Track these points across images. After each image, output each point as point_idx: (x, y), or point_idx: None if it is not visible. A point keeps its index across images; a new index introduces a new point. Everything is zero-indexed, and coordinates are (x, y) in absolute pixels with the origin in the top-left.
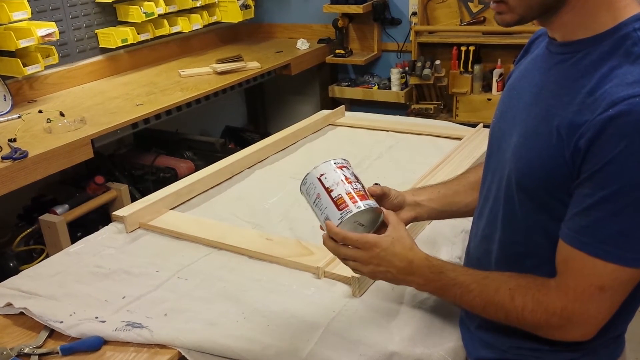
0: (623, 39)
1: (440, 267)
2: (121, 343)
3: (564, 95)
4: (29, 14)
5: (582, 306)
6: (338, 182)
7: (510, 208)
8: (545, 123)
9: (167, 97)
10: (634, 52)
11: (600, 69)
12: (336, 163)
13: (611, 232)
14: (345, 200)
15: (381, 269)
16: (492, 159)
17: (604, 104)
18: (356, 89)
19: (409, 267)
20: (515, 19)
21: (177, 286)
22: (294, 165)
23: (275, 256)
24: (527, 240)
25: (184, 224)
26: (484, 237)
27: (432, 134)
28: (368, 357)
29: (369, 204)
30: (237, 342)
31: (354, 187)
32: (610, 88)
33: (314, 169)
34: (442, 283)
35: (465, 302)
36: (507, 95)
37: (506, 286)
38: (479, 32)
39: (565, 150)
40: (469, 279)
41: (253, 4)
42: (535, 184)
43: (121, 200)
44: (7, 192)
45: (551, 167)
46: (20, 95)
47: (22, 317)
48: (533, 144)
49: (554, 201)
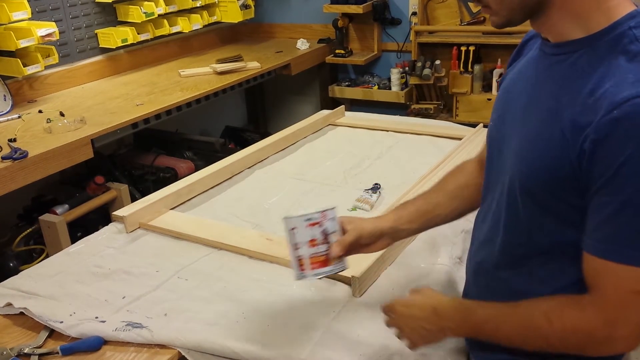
0: (619, 38)
1: (467, 306)
2: (121, 343)
3: (563, 96)
4: (29, 14)
5: (623, 314)
6: (305, 242)
7: (513, 211)
8: (547, 125)
9: (167, 97)
10: (632, 50)
11: (598, 69)
12: (308, 220)
13: (637, 236)
14: (304, 263)
15: (414, 326)
16: (494, 164)
17: (606, 104)
18: (356, 89)
19: (435, 314)
20: (502, 21)
21: (177, 286)
22: (294, 165)
23: (275, 256)
24: (531, 242)
25: (184, 224)
26: (485, 241)
27: (432, 134)
28: (368, 357)
29: (325, 272)
30: (237, 342)
31: (317, 251)
32: (611, 87)
33: (290, 218)
34: (474, 322)
35: (502, 337)
36: (504, 98)
37: (539, 310)
38: (479, 32)
39: (571, 152)
40: (500, 312)
41: (253, 3)
42: (539, 187)
43: (121, 200)
44: (7, 192)
45: (556, 169)
46: (20, 95)
47: (22, 317)
48: (536, 146)
49: (559, 203)
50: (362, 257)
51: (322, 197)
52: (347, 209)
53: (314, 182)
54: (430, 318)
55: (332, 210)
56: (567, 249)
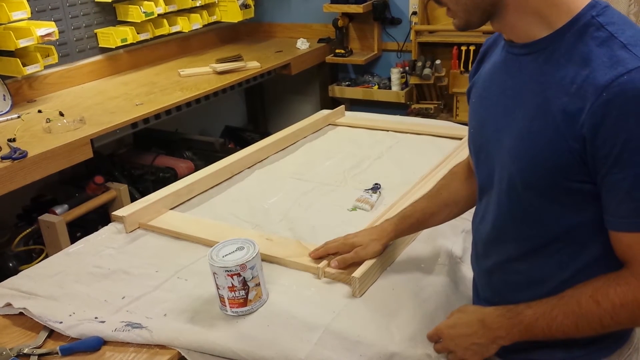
0: (585, 28)
1: (514, 309)
2: (121, 343)
3: (546, 90)
4: (28, 14)
5: None
6: (224, 287)
7: (519, 206)
8: (537, 120)
9: (167, 96)
10: (599, 36)
11: (572, 59)
12: (228, 271)
13: None
14: (225, 301)
15: (466, 345)
16: (481, 167)
17: (591, 89)
18: (356, 88)
19: (483, 327)
20: (462, 23)
21: (176, 286)
22: (294, 165)
23: (275, 256)
24: (544, 232)
25: (183, 224)
26: (492, 240)
27: (432, 133)
28: (368, 357)
29: (243, 311)
30: (237, 342)
31: (236, 295)
32: (591, 74)
33: (213, 265)
34: (524, 324)
35: (556, 331)
36: (479, 105)
37: (585, 295)
38: (480, 31)
39: (569, 140)
40: (547, 307)
41: (253, 3)
42: (541, 179)
43: (120, 200)
44: (6, 192)
45: (553, 158)
46: (19, 95)
47: (21, 317)
48: (530, 142)
49: (562, 191)
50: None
51: (322, 197)
52: (347, 209)
53: (314, 182)
54: (480, 332)
55: (252, 260)
56: (580, 231)
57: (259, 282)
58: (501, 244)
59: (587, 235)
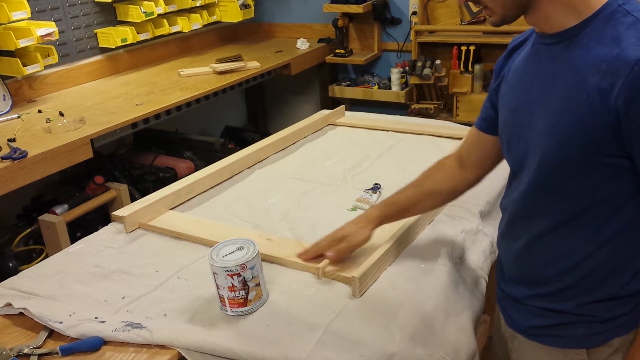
0: (612, 14)
1: None
2: (121, 343)
3: (579, 72)
4: (28, 14)
5: None
6: (224, 287)
7: (551, 183)
8: (571, 99)
9: (167, 96)
10: (627, 21)
11: (602, 41)
12: (228, 271)
13: None
14: (225, 301)
15: None
16: (513, 150)
17: (624, 65)
18: (356, 88)
19: None
20: (499, 19)
21: (176, 286)
22: (294, 165)
23: (275, 256)
24: (575, 204)
25: (183, 224)
26: (529, 217)
27: (432, 133)
28: (368, 357)
29: (243, 311)
30: (237, 342)
31: (236, 295)
32: (622, 52)
33: (213, 264)
34: None
35: None
36: (511, 94)
37: None
38: (480, 31)
39: (603, 114)
40: None
41: (253, 3)
42: (576, 154)
43: (121, 200)
44: (6, 192)
45: (589, 132)
46: (19, 95)
47: (21, 317)
48: (565, 120)
49: (595, 164)
50: (362, 258)
51: (322, 197)
52: (347, 209)
53: (314, 182)
54: None
55: (252, 259)
56: (607, 204)
57: (259, 282)
58: (531, 220)
59: (613, 207)
